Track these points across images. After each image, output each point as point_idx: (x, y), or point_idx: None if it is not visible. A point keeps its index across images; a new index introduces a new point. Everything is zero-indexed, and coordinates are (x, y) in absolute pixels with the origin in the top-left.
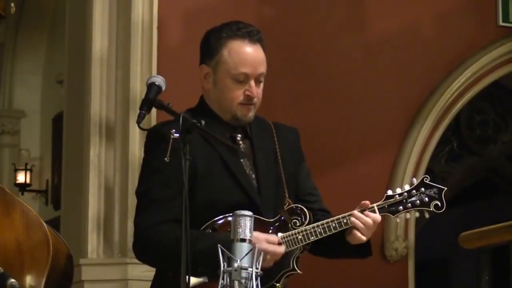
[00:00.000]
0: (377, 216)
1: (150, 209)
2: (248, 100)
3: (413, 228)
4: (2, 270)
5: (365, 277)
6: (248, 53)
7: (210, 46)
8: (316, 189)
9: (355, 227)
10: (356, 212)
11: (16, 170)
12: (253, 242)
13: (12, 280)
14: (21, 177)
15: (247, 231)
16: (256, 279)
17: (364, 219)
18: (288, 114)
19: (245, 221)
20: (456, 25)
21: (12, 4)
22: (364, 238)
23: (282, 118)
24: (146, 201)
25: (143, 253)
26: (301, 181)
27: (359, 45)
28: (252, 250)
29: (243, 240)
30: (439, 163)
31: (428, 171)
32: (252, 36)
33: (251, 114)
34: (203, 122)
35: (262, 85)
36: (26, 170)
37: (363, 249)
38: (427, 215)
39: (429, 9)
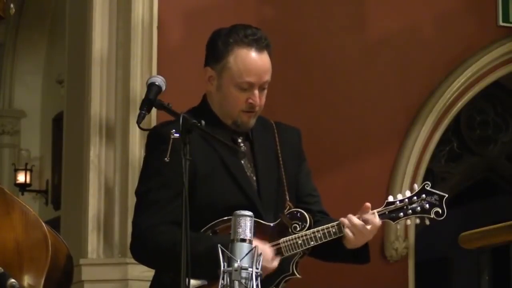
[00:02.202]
0: (376, 220)
1: (149, 210)
2: (250, 108)
3: (413, 228)
4: (2, 270)
5: (365, 277)
6: (254, 62)
7: (217, 50)
8: (316, 190)
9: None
10: (350, 215)
11: (16, 170)
12: None
13: (12, 280)
14: (21, 177)
15: (247, 231)
16: (256, 279)
17: (354, 222)
18: (288, 114)
19: (245, 221)
20: (456, 25)
21: (12, 5)
22: (354, 241)
23: (282, 118)
24: (146, 202)
25: (141, 254)
26: (301, 182)
27: (359, 45)
28: (252, 250)
29: (243, 240)
30: (439, 163)
31: (428, 171)
32: (260, 43)
33: (252, 121)
34: (203, 122)
35: (265, 91)
36: (26, 170)
37: (361, 255)
38: (427, 222)
39: (429, 9)
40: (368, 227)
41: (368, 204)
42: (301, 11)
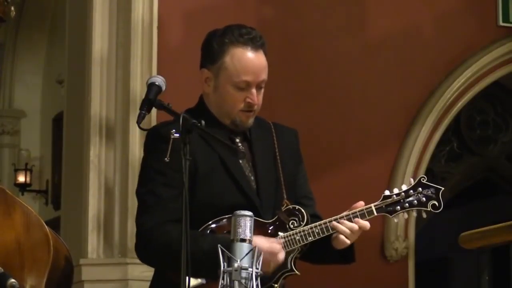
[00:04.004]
0: (366, 224)
1: (153, 210)
2: (249, 107)
3: (413, 228)
4: (2, 270)
5: (365, 277)
6: (251, 61)
7: (212, 51)
8: (311, 193)
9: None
10: (341, 220)
11: (16, 170)
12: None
13: (12, 280)
14: (21, 177)
15: (247, 231)
16: (256, 279)
17: (348, 225)
18: (288, 114)
19: (245, 221)
20: (456, 25)
21: (12, 8)
22: (348, 241)
23: (282, 118)
24: (149, 202)
25: (146, 253)
26: (299, 184)
27: (359, 45)
28: (252, 250)
29: (243, 240)
30: (439, 163)
31: (428, 171)
32: (255, 42)
33: (251, 120)
34: (203, 122)
35: (262, 91)
36: (26, 170)
37: (347, 255)
38: (424, 215)
39: (429, 9)
40: (356, 227)
41: (361, 202)
42: (301, 11)
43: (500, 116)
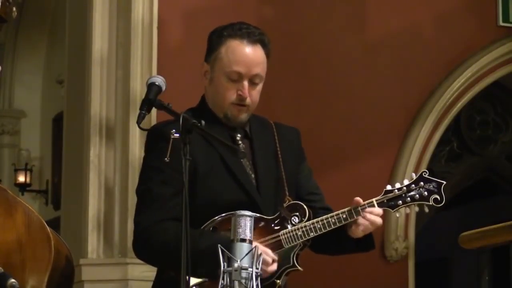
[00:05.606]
0: (379, 210)
1: (151, 208)
2: (240, 100)
3: (413, 228)
4: (2, 270)
5: (365, 277)
6: (244, 53)
7: (211, 44)
8: (318, 188)
9: (360, 224)
10: (362, 211)
11: (16, 170)
12: None
13: (12, 280)
14: (21, 177)
15: (247, 231)
16: (256, 279)
17: (371, 218)
18: (288, 114)
19: (245, 221)
20: (456, 25)
21: (14, 9)
22: (367, 231)
23: (282, 118)
24: (147, 200)
25: (144, 251)
26: (302, 181)
27: (359, 45)
28: (252, 250)
29: (243, 240)
30: (439, 163)
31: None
32: (252, 36)
33: (243, 116)
34: (203, 122)
35: (258, 87)
36: (26, 170)
37: (366, 243)
38: (426, 209)
39: (429, 9)
40: (373, 217)
41: (358, 199)
42: (301, 11)
43: (500, 116)
